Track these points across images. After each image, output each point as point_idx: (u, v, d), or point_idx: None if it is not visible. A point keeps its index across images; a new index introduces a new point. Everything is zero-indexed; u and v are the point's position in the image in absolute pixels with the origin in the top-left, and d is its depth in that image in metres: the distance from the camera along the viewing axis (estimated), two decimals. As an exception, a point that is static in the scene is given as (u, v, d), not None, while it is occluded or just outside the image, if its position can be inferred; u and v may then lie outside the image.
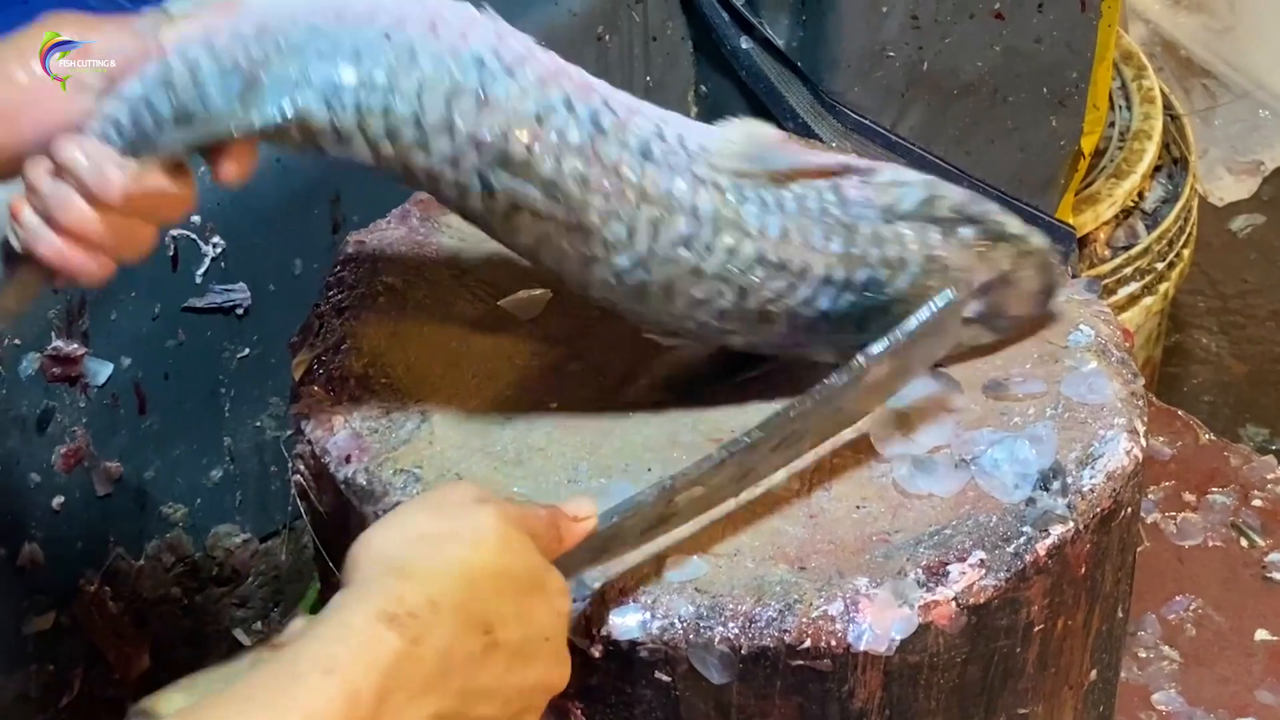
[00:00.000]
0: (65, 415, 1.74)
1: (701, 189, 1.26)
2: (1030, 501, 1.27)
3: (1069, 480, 1.28)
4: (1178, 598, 1.89)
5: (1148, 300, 2.67)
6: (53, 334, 1.69)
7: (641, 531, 1.18)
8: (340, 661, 0.90)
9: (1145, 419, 1.36)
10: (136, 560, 1.88)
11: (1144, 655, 1.83)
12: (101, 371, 1.74)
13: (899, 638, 1.19)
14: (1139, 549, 1.60)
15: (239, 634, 2.05)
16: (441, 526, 1.02)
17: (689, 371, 1.42)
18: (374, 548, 1.00)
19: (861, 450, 1.33)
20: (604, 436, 1.35)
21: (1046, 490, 1.27)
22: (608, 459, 1.32)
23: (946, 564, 1.22)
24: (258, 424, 1.95)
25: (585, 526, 1.12)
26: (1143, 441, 1.34)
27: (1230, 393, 2.96)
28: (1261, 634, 1.87)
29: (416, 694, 0.93)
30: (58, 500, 1.77)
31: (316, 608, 1.18)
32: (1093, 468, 1.29)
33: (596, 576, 1.21)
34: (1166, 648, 1.84)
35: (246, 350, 1.89)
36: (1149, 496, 2.00)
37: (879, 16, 2.05)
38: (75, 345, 1.71)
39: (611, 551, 1.18)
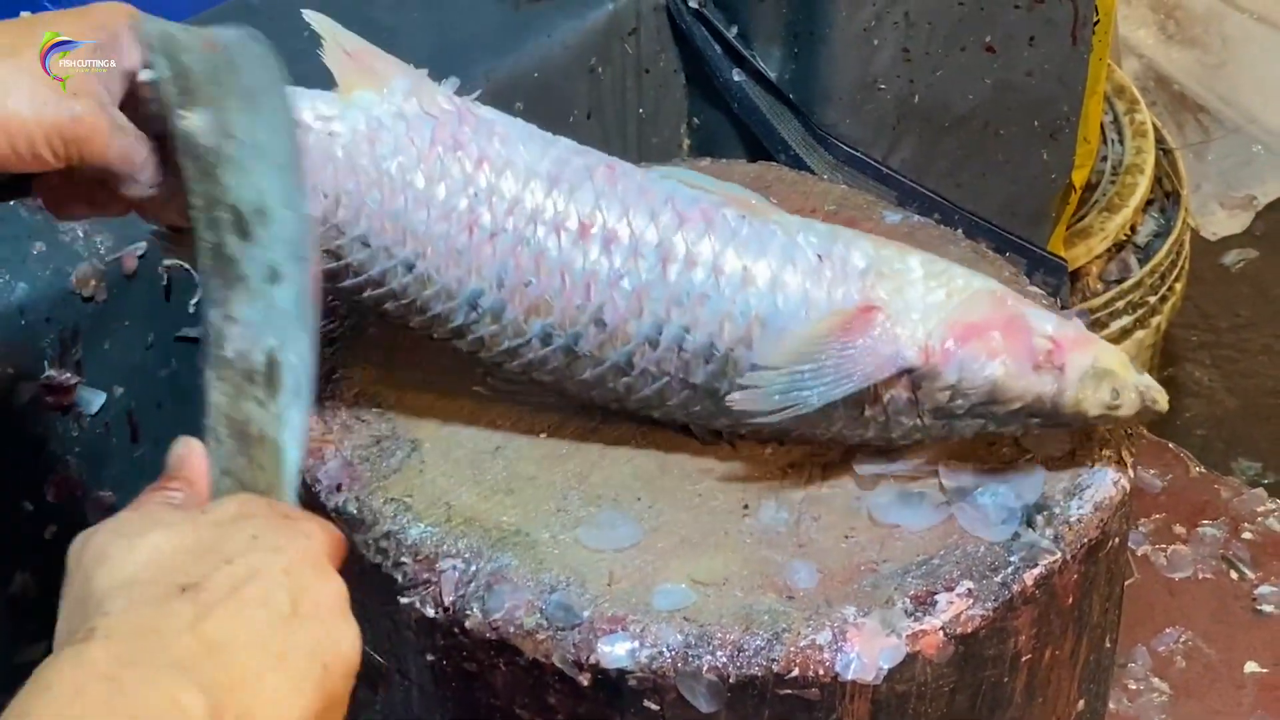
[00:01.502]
0: (57, 444, 1.74)
1: None
2: (1015, 537, 1.27)
3: (1056, 511, 1.28)
4: (1168, 630, 1.89)
5: (1140, 334, 2.67)
6: (45, 363, 1.69)
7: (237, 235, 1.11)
8: (43, 681, 0.87)
9: (1133, 450, 1.36)
10: (128, 590, 1.88)
11: (1134, 687, 1.83)
12: (94, 401, 1.74)
13: (887, 667, 1.20)
14: (1129, 581, 1.61)
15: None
16: (75, 576, 0.97)
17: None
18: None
19: (848, 478, 1.33)
20: (593, 466, 1.35)
21: (1032, 528, 1.28)
22: (597, 488, 1.32)
23: (934, 593, 1.22)
24: (250, 454, 1.95)
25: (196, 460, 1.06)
26: (1130, 472, 1.34)
27: (1222, 426, 2.96)
28: (1251, 666, 1.87)
29: (145, 655, 0.89)
30: (50, 529, 1.77)
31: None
32: (1080, 498, 1.30)
33: (585, 605, 1.21)
34: (1156, 680, 1.84)
35: (239, 380, 1.89)
36: (1139, 529, 2.01)
37: (870, 49, 2.06)
38: (68, 374, 1.71)
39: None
